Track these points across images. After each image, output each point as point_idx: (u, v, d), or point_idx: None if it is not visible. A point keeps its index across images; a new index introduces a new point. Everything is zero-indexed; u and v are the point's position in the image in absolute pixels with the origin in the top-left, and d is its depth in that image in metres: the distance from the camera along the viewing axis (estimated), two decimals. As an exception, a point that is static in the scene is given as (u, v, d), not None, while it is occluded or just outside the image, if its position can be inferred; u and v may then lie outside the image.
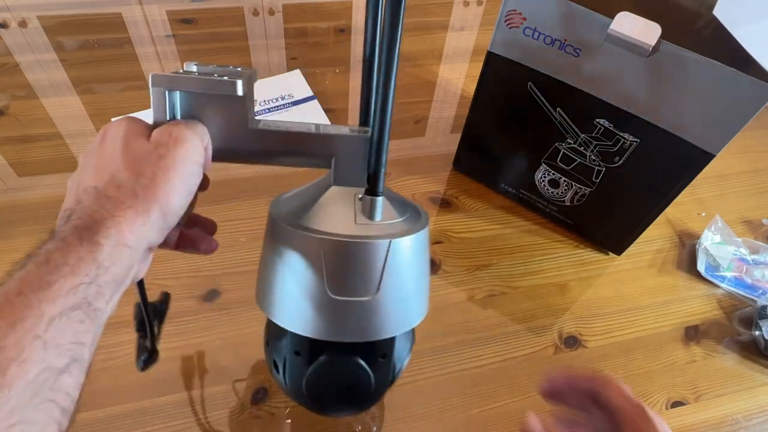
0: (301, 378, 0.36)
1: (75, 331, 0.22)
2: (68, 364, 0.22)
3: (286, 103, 0.76)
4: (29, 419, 0.19)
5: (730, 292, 0.64)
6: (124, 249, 0.24)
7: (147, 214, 0.25)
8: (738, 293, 0.63)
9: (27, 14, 0.83)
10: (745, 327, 0.61)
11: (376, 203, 0.33)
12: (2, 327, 0.19)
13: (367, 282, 0.32)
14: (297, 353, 0.36)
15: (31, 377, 0.19)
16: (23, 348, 0.19)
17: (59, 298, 0.21)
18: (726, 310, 0.63)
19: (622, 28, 0.47)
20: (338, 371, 0.36)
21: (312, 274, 0.32)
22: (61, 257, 0.22)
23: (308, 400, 0.38)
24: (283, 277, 0.34)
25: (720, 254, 0.65)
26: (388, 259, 0.32)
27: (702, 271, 0.64)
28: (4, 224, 0.61)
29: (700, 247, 0.66)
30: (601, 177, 0.59)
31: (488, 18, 0.94)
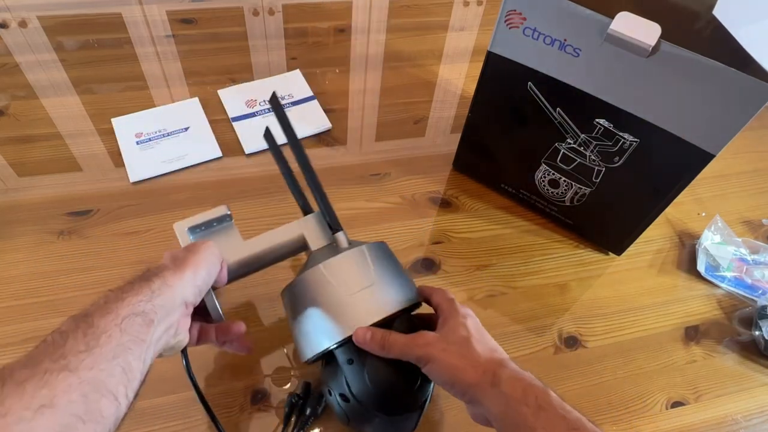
0: (363, 377, 0.42)
1: (137, 329, 0.34)
2: (132, 347, 0.33)
3: (286, 103, 0.76)
4: (110, 370, 0.31)
5: (730, 292, 0.64)
6: (167, 287, 0.38)
7: (182, 273, 0.39)
8: (738, 293, 0.63)
9: (27, 14, 0.83)
10: (744, 327, 0.61)
11: (340, 235, 0.49)
12: (96, 317, 0.33)
13: (362, 276, 0.45)
14: (350, 361, 0.43)
15: (113, 345, 0.32)
16: (108, 328, 0.32)
17: (128, 306, 0.34)
18: (726, 310, 0.63)
19: (622, 28, 0.47)
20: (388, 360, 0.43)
21: (329, 293, 0.44)
22: (129, 286, 0.37)
23: (377, 396, 0.43)
24: (312, 315, 0.45)
25: (720, 254, 0.65)
26: (369, 259, 0.46)
27: (702, 272, 0.64)
28: (4, 224, 0.61)
29: (700, 247, 0.66)
30: (601, 177, 0.59)
31: (488, 18, 0.94)
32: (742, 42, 0.47)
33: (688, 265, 0.66)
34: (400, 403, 0.44)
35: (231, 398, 0.51)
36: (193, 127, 0.72)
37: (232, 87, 0.78)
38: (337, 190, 0.68)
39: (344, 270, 0.45)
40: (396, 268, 0.48)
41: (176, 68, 0.79)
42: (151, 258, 0.59)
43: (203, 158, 0.69)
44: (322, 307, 0.44)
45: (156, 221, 0.63)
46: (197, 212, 0.63)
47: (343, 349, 0.43)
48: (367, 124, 0.76)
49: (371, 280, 0.44)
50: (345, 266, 0.45)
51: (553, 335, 0.58)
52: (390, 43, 0.88)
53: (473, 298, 0.60)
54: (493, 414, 0.38)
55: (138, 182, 0.66)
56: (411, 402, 0.44)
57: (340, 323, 0.43)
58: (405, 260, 0.62)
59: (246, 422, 0.50)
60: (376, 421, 0.44)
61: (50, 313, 0.55)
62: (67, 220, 0.62)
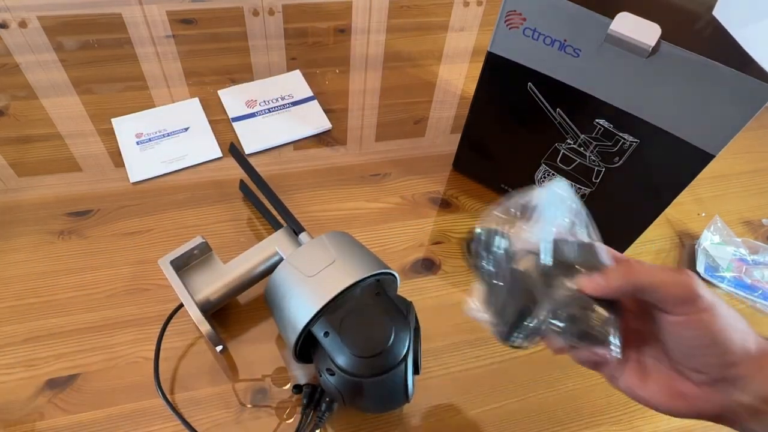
0: (341, 344, 0.43)
1: None
2: None
3: (286, 103, 0.76)
4: None
5: (730, 293, 0.64)
6: None
7: None
8: (737, 294, 0.63)
9: (27, 14, 0.83)
10: None
11: (303, 235, 0.54)
12: None
13: (323, 257, 0.48)
14: (326, 334, 0.44)
15: None
16: None
17: None
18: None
19: (622, 29, 0.47)
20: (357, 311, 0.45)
21: (295, 279, 0.48)
22: None
23: (354, 357, 0.43)
24: (286, 304, 0.48)
25: (719, 255, 0.65)
26: (329, 243, 0.50)
27: (701, 272, 0.64)
28: (4, 224, 0.61)
29: (699, 248, 0.66)
30: (600, 177, 0.59)
31: (488, 18, 0.94)
32: (742, 42, 0.47)
33: (688, 265, 0.66)
34: (378, 361, 0.44)
35: (231, 398, 0.51)
36: (193, 127, 0.72)
37: (232, 87, 0.78)
38: (337, 190, 0.68)
39: (306, 256, 0.49)
40: (358, 247, 0.51)
41: (176, 68, 0.79)
42: (151, 258, 0.59)
43: (203, 158, 0.69)
44: (292, 293, 0.47)
45: (156, 221, 0.63)
46: (197, 212, 0.64)
47: (318, 326, 0.45)
48: (367, 124, 0.76)
49: (332, 258, 0.48)
50: (306, 253, 0.50)
51: (553, 335, 0.58)
52: (390, 43, 0.88)
53: (473, 298, 0.60)
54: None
55: (138, 182, 0.66)
56: (389, 357, 0.44)
57: (309, 300, 0.46)
58: (405, 260, 0.62)
59: (246, 422, 0.50)
60: (364, 389, 0.44)
61: (50, 313, 0.55)
62: (67, 220, 0.62)
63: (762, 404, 0.32)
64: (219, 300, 0.52)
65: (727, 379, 0.33)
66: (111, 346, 0.53)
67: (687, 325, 0.33)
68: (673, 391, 0.35)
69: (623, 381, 0.37)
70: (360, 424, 0.51)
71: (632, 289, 0.34)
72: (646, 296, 0.34)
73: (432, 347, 0.56)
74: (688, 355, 0.34)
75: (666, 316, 0.34)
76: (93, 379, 0.51)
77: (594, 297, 0.35)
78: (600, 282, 0.35)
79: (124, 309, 0.56)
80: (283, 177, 0.68)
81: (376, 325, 0.44)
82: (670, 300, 0.33)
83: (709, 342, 0.32)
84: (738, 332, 0.32)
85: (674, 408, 0.35)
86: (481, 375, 0.55)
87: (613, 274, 0.35)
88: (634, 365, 0.37)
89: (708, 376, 0.33)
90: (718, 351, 0.32)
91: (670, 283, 0.33)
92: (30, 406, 0.49)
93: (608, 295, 0.35)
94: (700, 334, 0.32)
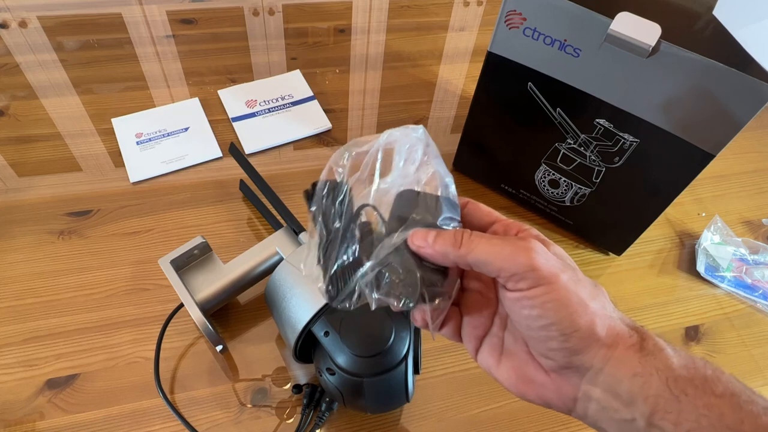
0: (341, 344, 0.44)
1: None
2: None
3: (286, 103, 0.76)
4: None
5: (730, 293, 0.64)
6: None
7: None
8: (738, 293, 0.63)
9: (27, 14, 0.83)
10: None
11: (303, 235, 0.54)
12: None
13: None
14: (326, 334, 0.44)
15: None
16: None
17: None
18: (726, 310, 0.63)
19: (622, 28, 0.47)
20: (358, 311, 0.42)
21: (294, 279, 0.48)
22: None
23: (355, 357, 0.43)
24: (286, 304, 0.47)
25: (719, 254, 0.65)
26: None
27: (701, 272, 0.64)
28: (4, 224, 0.61)
29: (699, 248, 0.66)
30: (601, 177, 0.59)
31: (488, 18, 0.94)
32: (742, 42, 0.47)
33: (688, 265, 0.66)
34: (378, 361, 0.44)
35: (231, 398, 0.51)
36: (193, 127, 0.72)
37: (232, 87, 0.78)
38: (337, 190, 0.68)
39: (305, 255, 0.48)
40: None
41: (176, 68, 0.79)
42: (151, 258, 0.59)
43: (203, 158, 0.69)
44: (292, 293, 0.47)
45: (156, 221, 0.63)
46: (197, 212, 0.64)
47: (318, 326, 0.45)
48: (367, 124, 0.76)
49: None
50: (305, 252, 0.48)
51: (553, 335, 0.58)
52: (390, 43, 0.88)
53: (473, 298, 0.60)
54: (620, 385, 0.28)
55: (138, 182, 0.66)
56: (389, 357, 0.44)
57: (309, 300, 0.46)
58: (405, 260, 0.62)
59: (246, 422, 0.50)
60: (364, 389, 0.44)
61: (50, 313, 0.55)
62: (67, 220, 0.62)
63: (611, 399, 0.28)
64: (219, 300, 0.52)
65: (573, 368, 0.29)
66: (111, 346, 0.53)
67: (523, 303, 0.29)
68: (523, 375, 0.31)
69: (481, 359, 0.34)
70: (360, 424, 0.51)
71: (463, 262, 0.30)
72: (482, 271, 0.30)
73: (432, 347, 0.56)
74: (530, 337, 0.30)
75: (505, 291, 0.30)
76: (93, 379, 0.51)
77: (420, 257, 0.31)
78: (426, 241, 0.30)
79: (124, 309, 0.56)
80: (283, 177, 0.68)
81: (376, 325, 0.44)
82: (504, 273, 0.28)
83: (547, 322, 0.28)
84: (586, 312, 0.28)
85: (524, 394, 0.32)
86: (481, 375, 0.55)
87: (443, 239, 0.30)
88: (495, 342, 0.33)
89: (553, 361, 0.29)
90: (558, 333, 0.28)
91: (504, 255, 0.28)
92: (30, 406, 0.49)
93: (432, 258, 0.31)
94: (539, 314, 0.28)
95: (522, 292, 0.28)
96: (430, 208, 0.32)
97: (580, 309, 0.28)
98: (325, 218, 0.34)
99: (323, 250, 0.33)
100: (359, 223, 0.33)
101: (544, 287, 0.28)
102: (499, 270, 0.29)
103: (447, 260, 0.30)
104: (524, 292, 0.28)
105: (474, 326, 0.34)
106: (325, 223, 0.34)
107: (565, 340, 0.28)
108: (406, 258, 0.31)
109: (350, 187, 0.34)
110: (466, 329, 0.34)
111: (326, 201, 0.34)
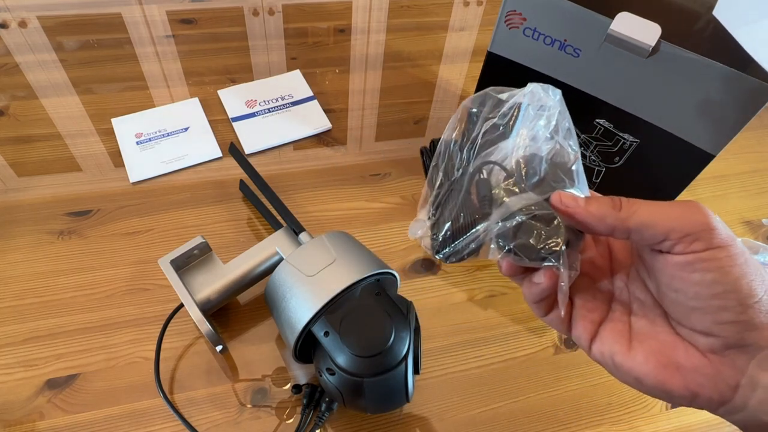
0: (341, 344, 0.43)
1: None
2: None
3: (286, 103, 0.76)
4: None
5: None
6: None
7: None
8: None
9: (27, 14, 0.83)
10: None
11: (303, 235, 0.54)
12: None
13: (323, 256, 0.48)
14: (326, 334, 0.44)
15: None
16: None
17: None
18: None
19: (622, 29, 0.47)
20: (358, 311, 0.45)
21: (295, 279, 0.48)
22: None
23: (355, 356, 0.43)
24: (286, 304, 0.48)
25: (720, 254, 0.65)
26: (329, 243, 0.50)
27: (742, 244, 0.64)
28: (4, 224, 0.61)
29: (700, 248, 0.66)
30: (601, 177, 0.59)
31: (488, 18, 0.94)
32: (742, 42, 0.47)
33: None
34: (378, 361, 0.44)
35: (231, 398, 0.51)
36: (193, 127, 0.72)
37: (232, 87, 0.78)
38: (337, 190, 0.68)
39: (306, 256, 0.49)
40: (358, 247, 0.51)
41: (176, 68, 0.79)
42: (151, 258, 0.59)
43: (203, 158, 0.69)
44: (292, 293, 0.47)
45: (156, 221, 0.63)
46: (197, 212, 0.64)
47: (318, 326, 0.45)
48: (367, 124, 0.76)
49: (332, 258, 0.48)
50: (306, 253, 0.50)
51: (553, 335, 0.58)
52: (390, 43, 0.88)
53: (473, 299, 0.60)
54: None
55: (138, 182, 0.66)
56: (389, 357, 0.44)
57: (309, 300, 0.46)
58: (405, 261, 0.62)
59: (246, 422, 0.50)
60: (364, 389, 0.44)
61: (50, 313, 0.55)
62: (67, 220, 0.62)
63: None
64: (219, 300, 0.52)
65: (745, 346, 0.25)
66: (111, 346, 0.53)
67: (696, 266, 0.25)
68: (667, 359, 0.27)
69: (599, 347, 0.29)
70: (360, 424, 0.51)
71: (622, 226, 0.27)
72: (643, 237, 0.27)
73: (432, 347, 0.56)
74: (695, 309, 0.26)
75: (668, 257, 0.26)
76: (93, 379, 0.51)
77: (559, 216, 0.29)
78: (577, 202, 0.28)
79: (124, 309, 0.56)
80: (283, 177, 0.68)
81: (376, 325, 0.44)
82: (675, 234, 0.25)
83: (726, 289, 0.25)
84: (763, 284, 0.25)
85: (664, 383, 0.27)
86: (480, 375, 0.55)
87: (600, 202, 0.28)
88: (619, 327, 0.30)
89: (719, 339, 0.26)
90: (736, 302, 0.25)
91: (674, 215, 0.26)
92: (30, 406, 0.49)
93: (584, 221, 0.28)
94: (714, 278, 0.25)
95: (697, 254, 0.25)
96: (563, 177, 0.31)
97: (758, 279, 0.25)
98: (447, 170, 0.32)
99: (438, 203, 0.32)
100: (480, 179, 0.32)
101: (722, 249, 0.25)
102: (669, 231, 0.26)
103: (602, 224, 0.27)
104: (699, 253, 0.25)
105: (589, 309, 0.30)
106: (446, 173, 0.32)
107: (743, 311, 0.24)
108: (551, 213, 0.29)
109: (480, 141, 0.32)
110: (579, 313, 0.30)
111: (451, 152, 0.32)
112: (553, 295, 0.30)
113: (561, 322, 0.31)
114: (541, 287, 0.29)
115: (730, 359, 0.26)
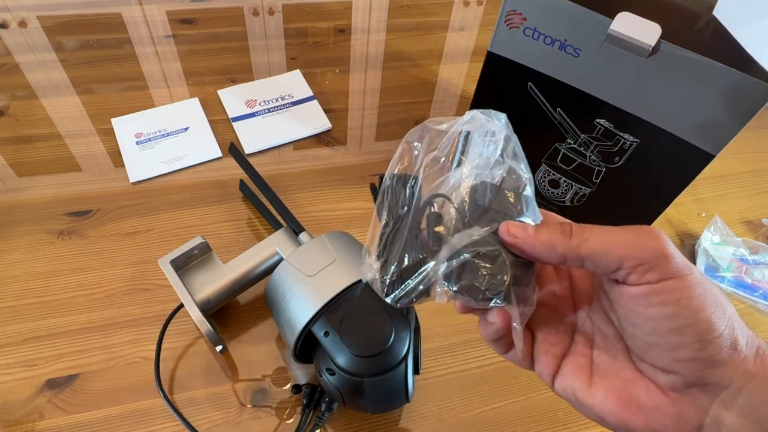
0: (341, 344, 0.43)
1: None
2: None
3: (286, 103, 0.76)
4: None
5: (730, 293, 0.64)
6: None
7: None
8: (738, 294, 0.63)
9: (27, 14, 0.83)
10: None
11: (303, 235, 0.55)
12: None
13: (323, 257, 0.49)
14: (326, 334, 0.44)
15: None
16: None
17: None
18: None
19: (622, 28, 0.47)
20: (358, 311, 0.45)
21: (295, 279, 0.48)
22: None
23: (355, 356, 0.43)
24: (286, 304, 0.48)
25: (719, 255, 0.65)
26: (329, 243, 0.50)
27: (702, 272, 0.64)
28: (4, 224, 0.61)
29: (699, 248, 0.66)
30: (601, 177, 0.59)
31: (488, 18, 0.94)
32: (742, 42, 0.47)
33: (688, 265, 0.66)
34: (378, 361, 0.44)
35: (231, 398, 0.51)
36: (193, 127, 0.72)
37: (232, 87, 0.78)
38: (337, 190, 0.68)
39: (306, 256, 0.49)
40: (358, 247, 0.51)
41: (176, 68, 0.79)
42: (151, 258, 0.59)
43: (203, 158, 0.69)
44: (292, 293, 0.47)
45: (156, 221, 0.63)
46: (197, 212, 0.64)
47: (317, 326, 0.45)
48: (367, 124, 0.76)
49: (332, 257, 0.48)
50: (306, 253, 0.50)
51: (553, 335, 0.58)
52: (390, 43, 0.88)
53: (473, 298, 0.60)
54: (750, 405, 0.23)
55: (138, 182, 0.66)
56: (389, 357, 0.44)
57: (309, 300, 0.46)
58: (405, 260, 0.62)
59: (246, 422, 0.50)
60: (364, 389, 0.44)
61: (50, 313, 0.55)
62: (67, 220, 0.62)
63: (750, 427, 0.23)
64: (219, 300, 0.52)
65: (707, 384, 0.24)
66: (111, 346, 0.53)
67: (652, 299, 0.24)
68: (628, 397, 0.26)
69: (562, 382, 0.28)
70: (360, 424, 0.51)
71: (574, 255, 0.25)
72: (596, 265, 0.25)
73: (432, 347, 0.56)
74: (653, 345, 0.25)
75: (623, 288, 0.25)
76: (93, 379, 0.51)
77: (506, 249, 0.28)
78: (526, 232, 0.27)
79: (124, 309, 0.56)
80: (283, 177, 0.68)
81: (376, 325, 0.44)
82: (628, 263, 0.24)
83: (684, 323, 0.23)
84: (725, 316, 0.23)
85: (626, 423, 0.26)
86: (481, 375, 0.55)
87: (550, 230, 0.26)
88: (581, 362, 0.28)
89: (679, 377, 0.24)
90: (695, 338, 0.23)
91: (627, 241, 0.24)
92: (30, 406, 0.49)
93: (533, 251, 0.27)
94: (671, 312, 0.23)
95: (651, 285, 0.23)
96: (511, 205, 0.30)
97: (719, 311, 0.23)
98: (390, 208, 0.31)
99: (384, 243, 0.31)
100: (430, 213, 0.30)
101: (678, 280, 0.23)
102: (622, 260, 0.24)
103: (553, 253, 0.26)
104: (654, 285, 0.23)
105: (551, 343, 0.29)
106: (390, 211, 0.31)
107: (702, 347, 0.23)
108: (496, 249, 0.28)
109: (423, 175, 0.31)
110: (541, 347, 0.29)
111: (394, 189, 0.31)
112: (509, 334, 0.28)
113: (522, 360, 0.30)
114: (495, 327, 0.28)
115: (691, 398, 0.24)
